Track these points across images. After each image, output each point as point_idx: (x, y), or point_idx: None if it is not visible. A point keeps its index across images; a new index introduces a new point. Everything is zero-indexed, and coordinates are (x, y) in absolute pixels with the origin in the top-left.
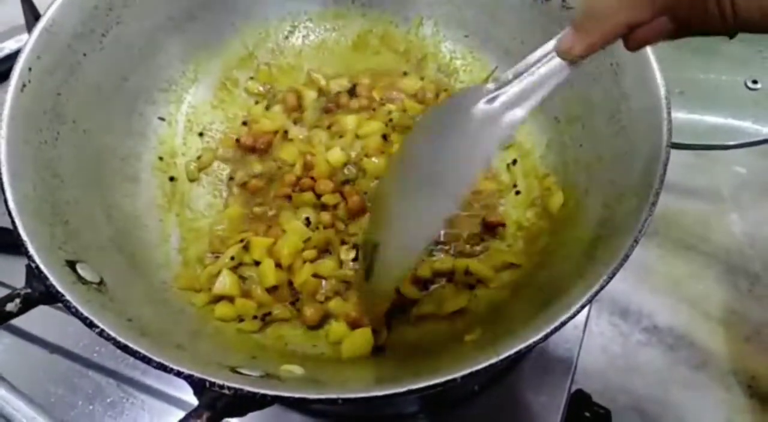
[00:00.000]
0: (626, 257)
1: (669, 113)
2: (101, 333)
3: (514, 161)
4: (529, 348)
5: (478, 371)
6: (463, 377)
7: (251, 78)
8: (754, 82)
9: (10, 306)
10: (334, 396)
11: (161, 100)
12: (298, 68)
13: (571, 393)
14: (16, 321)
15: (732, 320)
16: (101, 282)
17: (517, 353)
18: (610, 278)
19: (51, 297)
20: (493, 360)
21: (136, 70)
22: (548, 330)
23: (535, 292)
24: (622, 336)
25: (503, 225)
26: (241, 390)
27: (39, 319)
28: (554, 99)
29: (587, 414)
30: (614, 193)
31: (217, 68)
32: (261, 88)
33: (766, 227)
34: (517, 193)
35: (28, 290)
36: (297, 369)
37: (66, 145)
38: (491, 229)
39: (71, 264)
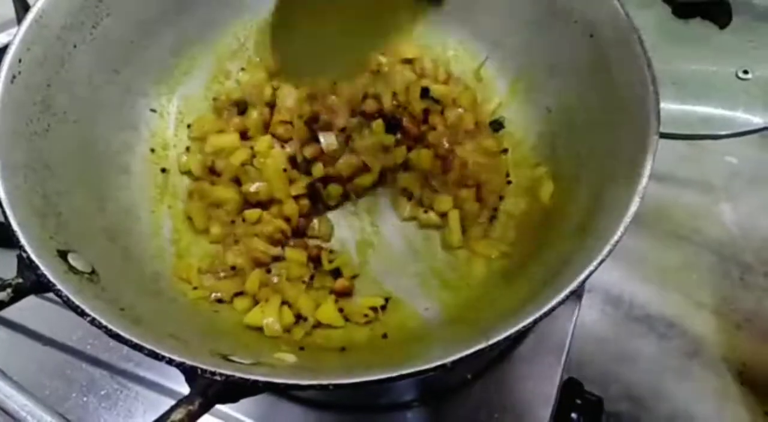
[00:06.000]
0: (614, 244)
1: (657, 103)
2: (93, 322)
3: (505, 151)
4: (519, 334)
5: (468, 356)
6: (454, 362)
7: (242, 69)
8: (745, 72)
9: (2, 295)
10: (325, 382)
11: (153, 93)
12: None
13: (563, 381)
14: (9, 314)
15: (724, 308)
16: (93, 272)
17: (506, 339)
18: (598, 265)
19: (42, 287)
20: (482, 346)
21: (128, 62)
22: (537, 315)
23: (525, 281)
24: (615, 324)
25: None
26: (233, 376)
27: (32, 312)
28: (545, 90)
29: (579, 401)
30: (604, 182)
31: (209, 60)
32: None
33: (757, 216)
34: (509, 183)
35: (20, 280)
36: (289, 357)
37: (57, 136)
38: None
39: (63, 254)
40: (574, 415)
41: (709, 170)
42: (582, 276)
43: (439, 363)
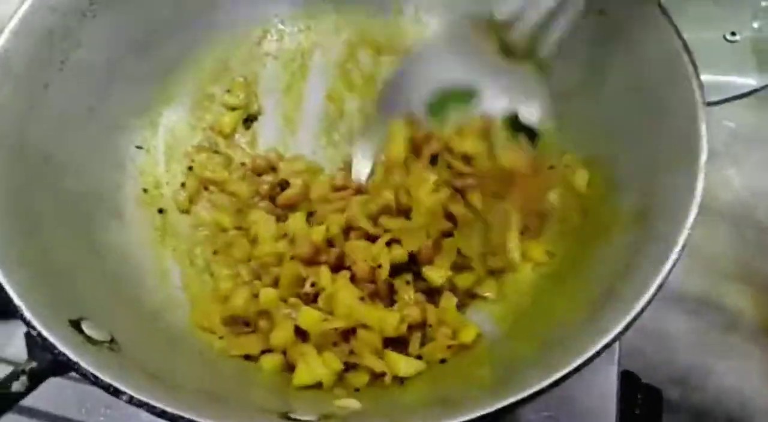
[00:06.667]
0: (689, 231)
1: (696, 71)
2: (131, 401)
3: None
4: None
5: (561, 378)
6: (549, 386)
7: (228, 91)
8: (733, 34)
9: (17, 386)
10: None
11: (135, 127)
12: None
13: (620, 374)
14: None
15: (748, 274)
16: (112, 340)
17: (575, 370)
18: (675, 262)
19: (61, 367)
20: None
21: (104, 96)
22: (608, 339)
23: (581, 281)
24: (649, 309)
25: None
26: None
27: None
28: (564, 70)
29: (639, 396)
30: (651, 162)
31: (190, 85)
32: (238, 101)
33: (763, 174)
34: None
35: (33, 364)
36: (352, 403)
37: (40, 187)
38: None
39: (75, 324)
40: (637, 411)
41: (710, 137)
42: (660, 277)
43: (536, 389)
